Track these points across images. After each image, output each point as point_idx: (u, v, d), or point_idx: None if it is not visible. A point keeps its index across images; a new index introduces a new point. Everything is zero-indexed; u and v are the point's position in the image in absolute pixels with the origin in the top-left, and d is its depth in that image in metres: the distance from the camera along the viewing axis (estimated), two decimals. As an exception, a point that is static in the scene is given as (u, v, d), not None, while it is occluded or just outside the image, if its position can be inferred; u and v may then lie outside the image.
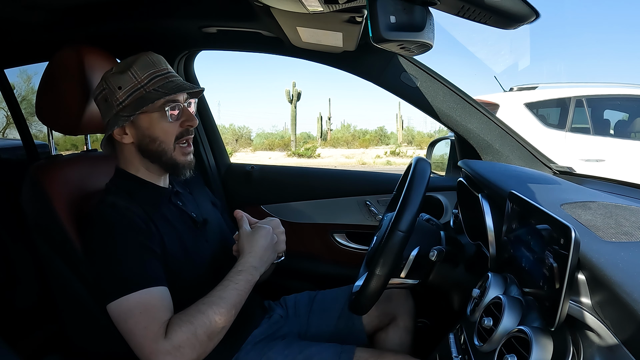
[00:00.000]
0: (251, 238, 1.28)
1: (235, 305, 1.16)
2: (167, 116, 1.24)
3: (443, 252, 1.24)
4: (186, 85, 1.27)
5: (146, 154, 1.27)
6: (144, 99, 1.22)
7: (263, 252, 1.27)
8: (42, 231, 1.28)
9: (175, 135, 1.26)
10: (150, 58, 1.26)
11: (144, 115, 1.24)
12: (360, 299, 1.16)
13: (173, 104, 1.24)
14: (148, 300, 1.10)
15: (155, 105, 1.22)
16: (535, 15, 1.00)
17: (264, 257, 1.27)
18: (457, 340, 1.16)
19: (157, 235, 1.22)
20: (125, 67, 1.24)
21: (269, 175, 2.23)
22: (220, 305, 1.13)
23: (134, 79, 1.22)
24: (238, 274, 1.20)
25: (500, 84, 5.62)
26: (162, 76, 1.25)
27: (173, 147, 1.27)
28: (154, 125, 1.24)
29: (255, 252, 1.25)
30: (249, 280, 1.21)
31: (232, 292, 1.16)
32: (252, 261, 1.24)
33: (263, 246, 1.27)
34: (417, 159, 1.30)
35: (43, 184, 1.28)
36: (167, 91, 1.22)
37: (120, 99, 1.23)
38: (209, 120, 2.25)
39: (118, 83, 1.23)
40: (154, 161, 1.28)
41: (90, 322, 1.30)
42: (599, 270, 0.73)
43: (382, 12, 0.99)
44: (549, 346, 0.81)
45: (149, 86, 1.23)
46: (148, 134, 1.25)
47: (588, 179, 1.58)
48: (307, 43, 1.58)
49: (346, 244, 2.11)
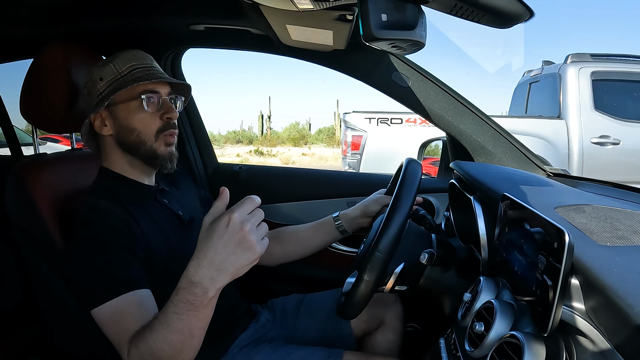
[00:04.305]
0: (206, 234, 0.89)
1: (180, 330, 0.93)
2: (144, 105, 1.22)
3: (434, 256, 1.22)
4: (166, 77, 1.26)
5: (125, 146, 1.26)
6: (120, 86, 1.21)
7: (220, 257, 0.87)
8: (25, 232, 1.26)
9: (156, 127, 1.25)
10: (135, 53, 1.26)
11: (122, 105, 1.23)
12: (349, 303, 1.14)
13: (151, 94, 1.23)
14: (123, 309, 1.06)
15: (132, 94, 1.22)
16: (530, 14, 0.99)
17: (222, 265, 0.87)
18: (447, 346, 1.14)
19: (141, 236, 1.19)
20: (108, 60, 1.25)
21: (257, 176, 2.22)
22: (159, 331, 0.94)
23: (115, 70, 1.23)
24: (176, 292, 0.91)
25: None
26: (143, 68, 1.24)
27: (154, 139, 1.25)
28: (131, 115, 1.23)
29: (207, 258, 0.87)
30: (190, 302, 0.89)
31: (171, 316, 0.92)
32: (198, 273, 0.88)
33: (219, 249, 0.87)
34: (409, 160, 1.28)
35: (27, 183, 1.25)
36: (146, 80, 1.21)
37: (101, 90, 1.23)
38: (197, 120, 2.23)
39: (100, 75, 1.23)
40: (133, 154, 1.26)
41: (73, 324, 1.28)
42: (593, 274, 0.72)
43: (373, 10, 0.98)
44: (542, 352, 0.80)
45: (127, 76, 1.22)
46: (125, 124, 1.24)
47: (583, 181, 1.57)
48: (296, 41, 1.57)
49: (335, 247, 2.09)
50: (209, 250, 0.87)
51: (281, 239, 1.61)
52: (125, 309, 1.06)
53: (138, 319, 1.05)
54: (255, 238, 0.88)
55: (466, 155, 1.80)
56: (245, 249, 0.87)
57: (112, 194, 1.23)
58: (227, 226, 0.86)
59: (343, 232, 1.59)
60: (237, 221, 0.86)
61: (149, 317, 1.06)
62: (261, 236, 0.90)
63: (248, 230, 0.86)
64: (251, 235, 0.87)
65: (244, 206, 0.88)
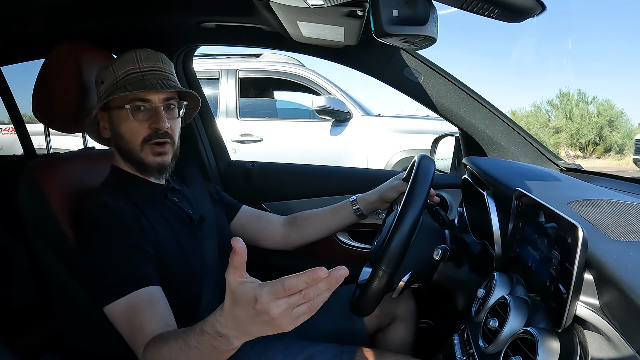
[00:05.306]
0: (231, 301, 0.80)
1: None
2: (129, 114, 1.23)
3: (447, 251, 1.22)
4: (157, 85, 1.23)
5: (119, 150, 1.29)
6: (112, 94, 1.22)
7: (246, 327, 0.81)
8: (38, 230, 1.27)
9: (142, 136, 1.24)
10: (137, 54, 1.25)
11: (116, 111, 1.25)
12: (363, 300, 1.15)
13: (139, 103, 1.23)
14: (134, 305, 1.08)
15: (124, 101, 1.22)
16: (541, 7, 0.98)
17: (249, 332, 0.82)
18: (461, 342, 1.14)
19: (151, 234, 1.20)
20: (110, 63, 1.26)
21: (270, 172, 2.21)
22: (178, 355, 0.92)
23: (113, 74, 1.24)
24: (201, 332, 0.87)
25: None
26: (137, 74, 1.24)
27: (140, 148, 1.25)
28: (120, 122, 1.25)
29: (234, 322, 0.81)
30: (214, 347, 0.86)
31: (193, 350, 0.89)
32: (224, 329, 0.83)
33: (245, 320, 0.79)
34: (421, 157, 1.28)
35: (40, 182, 1.26)
36: (133, 89, 1.21)
37: (102, 93, 1.26)
38: (209, 117, 2.22)
39: (102, 77, 1.26)
40: (125, 159, 1.29)
41: (86, 322, 1.28)
42: (607, 269, 0.72)
43: (384, 5, 0.98)
44: (556, 348, 0.79)
45: (121, 82, 1.23)
46: (117, 131, 1.26)
47: (596, 176, 1.56)
48: (308, 38, 1.56)
49: (349, 243, 2.09)
50: (235, 318, 0.80)
51: (298, 224, 1.65)
52: (137, 306, 1.07)
53: (150, 315, 1.06)
54: (286, 322, 0.76)
55: (479, 151, 1.79)
56: (274, 327, 0.78)
57: (123, 192, 1.25)
58: (254, 306, 0.75)
59: (360, 215, 1.62)
60: (264, 306, 0.74)
61: (161, 314, 1.08)
62: (296, 316, 0.77)
63: (277, 316, 0.75)
64: (280, 320, 0.76)
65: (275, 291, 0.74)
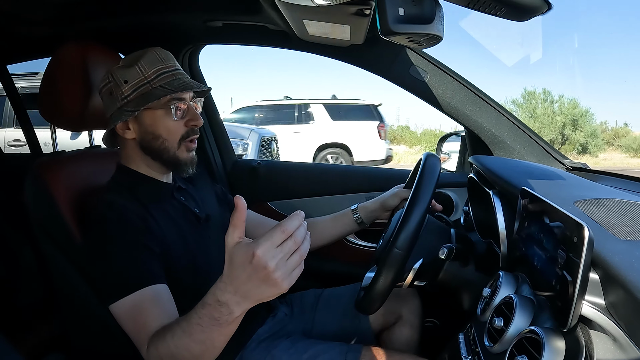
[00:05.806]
0: (230, 261, 0.84)
1: (202, 341, 0.92)
2: (172, 114, 1.22)
3: (453, 250, 1.22)
4: (193, 84, 1.25)
5: (147, 150, 1.26)
6: (149, 94, 1.20)
7: (245, 288, 0.83)
8: (45, 228, 1.27)
9: (180, 134, 1.25)
10: (158, 54, 1.24)
11: (148, 111, 1.22)
12: (368, 298, 1.15)
13: (179, 102, 1.23)
14: (140, 304, 1.08)
15: (160, 102, 1.21)
16: (548, 6, 0.98)
17: (247, 294, 0.84)
18: (466, 341, 1.14)
19: (158, 232, 1.20)
20: (132, 61, 1.23)
21: (276, 171, 2.21)
22: (181, 338, 0.94)
23: (141, 73, 1.21)
24: (202, 306, 0.89)
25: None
26: (169, 73, 1.23)
27: (177, 146, 1.26)
28: (158, 122, 1.23)
29: (232, 285, 0.84)
30: (215, 318, 0.87)
31: (195, 327, 0.91)
32: (224, 295, 0.85)
33: (243, 280, 0.82)
34: (427, 155, 1.28)
35: (46, 180, 1.27)
36: (173, 88, 1.21)
37: (126, 93, 1.22)
38: (215, 116, 2.23)
39: (124, 77, 1.22)
40: (155, 158, 1.27)
41: (92, 320, 1.29)
42: (613, 269, 0.71)
43: (390, 4, 0.97)
44: (561, 347, 0.79)
45: (155, 82, 1.21)
46: (151, 130, 1.24)
47: (602, 175, 1.55)
48: (314, 36, 1.56)
49: (354, 242, 2.09)
50: (233, 279, 0.83)
51: None
52: (143, 304, 1.08)
53: (156, 314, 1.07)
54: (282, 275, 0.80)
55: (485, 150, 1.78)
56: (271, 285, 0.81)
57: (130, 190, 1.25)
58: (251, 262, 0.79)
59: (360, 223, 1.61)
60: (260, 259, 0.78)
61: (166, 312, 1.08)
62: (291, 270, 0.81)
63: (273, 269, 0.79)
64: (276, 273, 0.79)
65: (272, 239, 0.79)
